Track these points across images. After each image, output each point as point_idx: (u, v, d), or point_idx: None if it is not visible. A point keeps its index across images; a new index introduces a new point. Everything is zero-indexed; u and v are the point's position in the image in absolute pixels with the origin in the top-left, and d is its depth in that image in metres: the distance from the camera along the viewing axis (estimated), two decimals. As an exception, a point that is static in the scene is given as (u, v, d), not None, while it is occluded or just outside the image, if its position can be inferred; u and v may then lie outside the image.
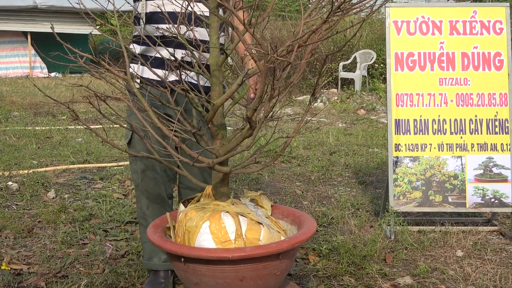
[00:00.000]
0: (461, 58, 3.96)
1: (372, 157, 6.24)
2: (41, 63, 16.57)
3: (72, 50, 2.31)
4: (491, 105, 3.93)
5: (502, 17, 3.98)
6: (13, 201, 4.49)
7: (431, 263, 3.34)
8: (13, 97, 10.98)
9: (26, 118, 8.87)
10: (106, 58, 2.27)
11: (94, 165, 5.70)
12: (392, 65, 3.97)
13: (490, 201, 3.88)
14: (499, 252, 3.55)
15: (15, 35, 16.49)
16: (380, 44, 13.01)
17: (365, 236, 3.73)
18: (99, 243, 3.62)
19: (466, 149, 3.92)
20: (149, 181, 2.90)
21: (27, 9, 16.06)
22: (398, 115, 3.94)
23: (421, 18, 3.99)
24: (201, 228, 2.18)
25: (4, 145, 6.58)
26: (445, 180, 3.90)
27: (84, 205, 4.38)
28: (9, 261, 3.30)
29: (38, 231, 3.84)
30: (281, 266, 2.19)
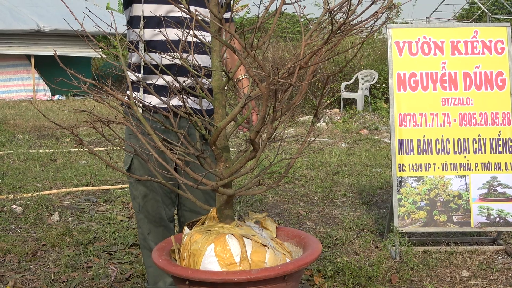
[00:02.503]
0: (463, 78, 3.98)
1: (376, 177, 6.23)
2: (45, 86, 16.65)
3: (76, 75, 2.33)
4: (494, 124, 3.93)
5: (503, 37, 4.00)
6: (17, 224, 4.49)
7: (437, 284, 3.32)
8: (16, 120, 11.02)
9: (30, 141, 8.90)
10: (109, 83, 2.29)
11: (98, 188, 5.70)
12: (394, 86, 3.98)
13: (495, 220, 3.87)
14: (505, 272, 3.54)
15: (18, 58, 16.60)
16: (381, 64, 13.06)
17: (370, 257, 3.71)
18: (104, 266, 3.61)
19: (470, 168, 3.92)
20: (150, 206, 2.90)
21: (31, 32, 16.19)
22: (401, 135, 3.95)
23: (423, 38, 4.01)
24: (206, 251, 2.18)
25: (8, 168, 6.59)
26: (449, 200, 3.90)
27: (88, 228, 4.38)
28: (13, 285, 3.30)
29: (42, 255, 3.84)
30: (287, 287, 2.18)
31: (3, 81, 16.36)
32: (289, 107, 2.29)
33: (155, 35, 2.68)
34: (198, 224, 2.40)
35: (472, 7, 26.19)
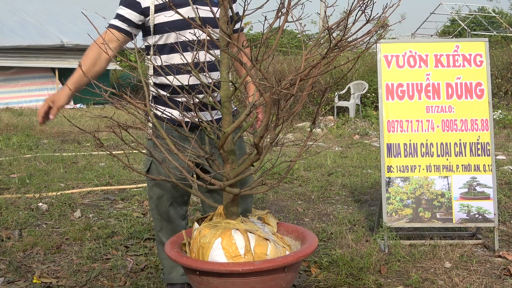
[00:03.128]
0: (445, 88, 3.98)
1: (366, 177, 6.23)
2: (68, 96, 16.66)
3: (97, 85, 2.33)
4: (473, 130, 3.93)
5: (482, 50, 4.01)
6: (43, 220, 4.50)
7: (422, 274, 3.32)
8: (42, 126, 11.03)
9: (54, 145, 8.92)
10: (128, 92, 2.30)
11: (116, 187, 5.70)
12: (383, 95, 3.98)
13: (474, 217, 3.87)
14: (484, 263, 3.53)
15: (44, 71, 16.65)
16: (371, 76, 13.07)
17: (362, 250, 3.71)
18: (121, 258, 3.61)
19: (452, 170, 3.92)
20: (163, 206, 2.92)
21: (55, 47, 16.24)
22: (389, 140, 3.95)
23: (409, 52, 4.02)
24: (213, 244, 2.18)
25: (34, 170, 6.60)
26: (433, 198, 3.89)
27: (107, 223, 4.38)
28: (39, 275, 3.30)
29: (65, 248, 3.85)
30: (287, 278, 2.18)
31: (30, 91, 16.41)
32: (290, 114, 2.29)
33: (170, 59, 2.69)
34: (207, 220, 2.41)
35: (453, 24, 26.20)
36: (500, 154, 7.73)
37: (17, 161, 7.17)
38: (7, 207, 4.79)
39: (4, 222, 4.36)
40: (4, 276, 3.30)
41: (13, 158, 7.39)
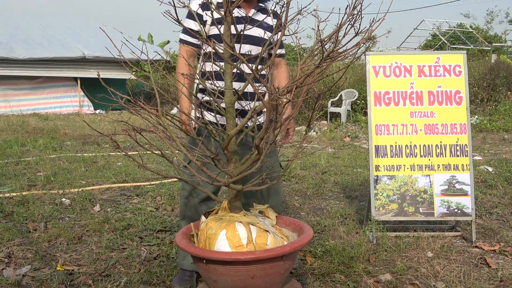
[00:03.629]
0: (428, 95, 3.98)
1: (356, 176, 6.22)
2: (88, 103, 16.68)
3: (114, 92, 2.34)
4: (453, 133, 3.93)
5: (460, 62, 4.01)
6: (66, 214, 4.50)
7: (407, 263, 3.31)
8: (66, 130, 11.06)
9: (76, 146, 8.92)
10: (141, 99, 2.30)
11: (131, 184, 5.70)
12: (372, 102, 3.98)
13: (454, 211, 3.86)
14: (462, 253, 3.52)
15: (67, 80, 16.66)
16: (361, 84, 13.07)
17: (352, 241, 3.71)
18: (136, 248, 3.61)
19: (433, 169, 3.91)
20: (193, 198, 2.97)
21: (77, 59, 16.25)
22: (377, 142, 3.95)
23: (395, 63, 4.02)
24: (219, 235, 2.18)
25: (58, 168, 6.61)
26: (416, 195, 3.89)
27: (123, 216, 4.38)
28: (63, 263, 3.30)
29: (86, 238, 3.85)
30: (285, 266, 2.18)
31: (55, 98, 16.43)
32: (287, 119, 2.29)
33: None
34: (213, 213, 2.41)
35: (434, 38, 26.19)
36: (477, 155, 7.72)
37: (43, 161, 7.17)
38: (34, 202, 4.79)
39: (31, 215, 4.36)
40: (31, 264, 3.30)
41: (40, 158, 7.39)
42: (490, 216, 4.41)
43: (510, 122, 11.60)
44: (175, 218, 4.34)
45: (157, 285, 2.98)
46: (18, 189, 5.34)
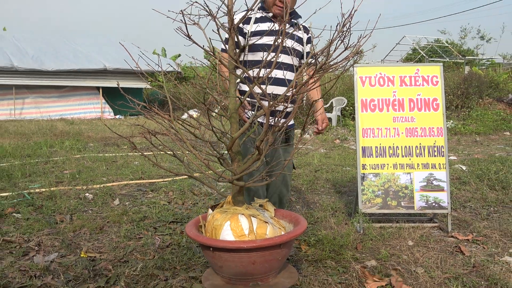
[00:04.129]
0: (408, 102, 3.97)
1: (346, 173, 6.22)
2: (109, 109, 16.71)
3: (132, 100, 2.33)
4: (431, 135, 3.93)
5: (437, 73, 4.00)
6: (89, 207, 4.50)
7: (390, 250, 3.31)
8: (89, 133, 11.07)
9: (98, 147, 8.93)
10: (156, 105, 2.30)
11: (147, 181, 5.70)
12: (359, 108, 3.98)
13: (432, 205, 3.85)
14: (439, 242, 3.52)
15: (90, 89, 16.69)
16: (349, 93, 13.06)
17: (342, 231, 3.70)
18: (151, 237, 3.61)
19: (414, 167, 3.91)
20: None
21: (99, 70, 16.28)
22: (364, 143, 3.94)
23: (379, 74, 4.02)
24: (224, 226, 2.18)
25: (83, 167, 6.61)
26: (398, 190, 3.88)
27: (140, 209, 4.38)
28: (86, 250, 3.30)
29: (107, 229, 3.84)
30: (282, 253, 2.17)
31: (79, 105, 16.46)
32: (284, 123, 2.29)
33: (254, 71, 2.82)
34: (219, 206, 2.40)
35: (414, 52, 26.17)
36: (452, 155, 7.71)
37: (69, 160, 7.18)
38: (61, 196, 4.79)
39: (58, 208, 4.36)
40: (58, 251, 3.30)
41: (66, 158, 7.40)
42: (464, 209, 4.40)
43: (481, 126, 11.59)
44: (186, 211, 4.34)
45: (169, 270, 2.97)
46: (47, 185, 5.34)
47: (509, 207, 4.44)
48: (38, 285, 2.74)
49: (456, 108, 13.21)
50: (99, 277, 2.87)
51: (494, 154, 7.77)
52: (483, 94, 13.64)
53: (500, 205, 4.50)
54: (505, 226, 3.81)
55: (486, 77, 14.57)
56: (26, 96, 15.91)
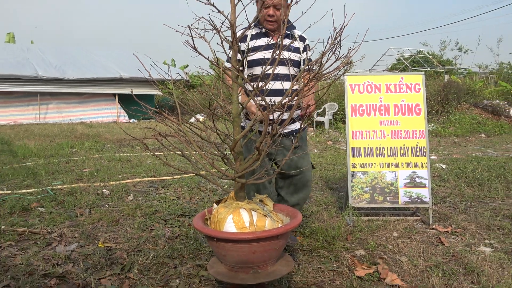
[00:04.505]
0: (393, 107, 3.97)
1: (337, 171, 6.21)
2: (124, 113, 16.71)
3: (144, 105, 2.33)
4: (414, 137, 3.92)
5: (419, 81, 4.00)
6: (106, 202, 4.50)
7: (377, 241, 3.30)
8: (106, 135, 11.06)
9: (114, 148, 8.93)
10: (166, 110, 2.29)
11: (158, 178, 5.70)
12: (349, 113, 3.98)
13: (414, 200, 3.85)
14: (421, 233, 3.51)
15: (107, 96, 16.69)
16: (340, 99, 13.06)
17: (333, 223, 3.70)
18: (161, 229, 3.61)
19: (398, 166, 3.91)
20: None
21: (115, 79, 16.30)
22: (353, 145, 3.94)
23: (367, 82, 4.01)
24: (227, 219, 2.18)
25: (100, 166, 6.61)
26: (384, 187, 3.88)
27: (151, 204, 4.38)
28: (103, 241, 3.30)
29: (122, 221, 3.84)
30: (279, 243, 2.17)
31: (97, 110, 16.47)
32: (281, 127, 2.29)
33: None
34: (223, 201, 2.40)
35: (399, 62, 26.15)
36: (433, 155, 7.70)
37: (88, 160, 7.18)
38: (81, 192, 4.79)
39: (78, 203, 4.36)
40: (78, 242, 3.30)
41: (85, 158, 7.40)
42: (444, 204, 4.40)
43: (459, 129, 11.58)
44: (193, 205, 4.33)
45: (178, 258, 2.97)
46: (68, 182, 5.34)
47: (485, 202, 4.44)
48: (60, 273, 2.74)
49: (437, 112, 13.20)
50: (115, 265, 2.87)
51: (471, 154, 7.76)
52: (461, 100, 13.63)
53: (476, 200, 4.50)
54: (481, 219, 3.81)
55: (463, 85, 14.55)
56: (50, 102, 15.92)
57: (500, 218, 3.84)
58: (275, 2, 2.62)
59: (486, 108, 13.18)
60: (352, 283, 2.55)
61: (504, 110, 12.90)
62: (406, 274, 2.71)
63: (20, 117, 15.44)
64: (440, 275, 2.66)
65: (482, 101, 13.90)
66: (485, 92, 15.42)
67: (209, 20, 2.07)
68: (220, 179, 5.85)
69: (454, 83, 14.30)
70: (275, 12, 2.66)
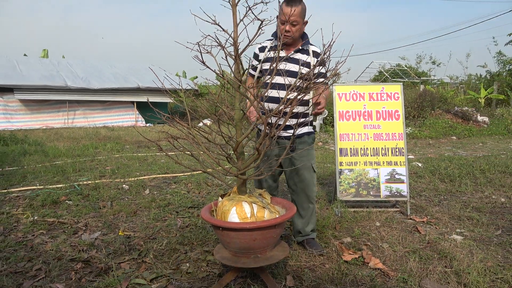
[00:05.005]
0: (375, 113, 3.97)
1: (327, 169, 6.20)
2: (141, 118, 16.69)
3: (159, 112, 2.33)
4: (393, 139, 3.92)
5: (398, 90, 4.00)
6: (125, 195, 4.49)
7: (361, 230, 3.29)
8: (126, 138, 11.05)
9: (133, 149, 8.92)
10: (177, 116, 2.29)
11: (171, 175, 5.69)
12: (337, 118, 3.97)
13: (394, 194, 3.84)
14: (401, 223, 3.50)
15: (127, 103, 16.67)
16: (329, 106, 12.99)
17: (323, 214, 3.69)
18: (174, 219, 3.60)
19: (380, 164, 3.90)
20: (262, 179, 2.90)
21: (134, 88, 16.28)
22: (341, 146, 3.93)
23: (353, 91, 4.01)
24: (231, 210, 2.17)
25: (121, 164, 6.60)
26: (368, 182, 3.87)
27: (165, 197, 4.37)
28: (123, 230, 3.29)
29: (139, 213, 3.84)
30: (277, 231, 2.16)
31: (118, 115, 16.45)
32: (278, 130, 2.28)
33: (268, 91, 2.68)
34: (227, 195, 2.39)
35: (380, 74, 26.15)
36: (410, 155, 7.69)
37: (110, 159, 7.17)
38: (103, 187, 4.79)
39: (101, 196, 4.35)
40: (101, 231, 3.29)
41: (107, 157, 7.39)
42: (420, 197, 4.39)
43: (433, 132, 11.56)
44: (201, 199, 4.32)
45: (188, 245, 2.97)
46: (93, 178, 5.33)
47: (456, 195, 4.43)
48: (85, 258, 2.73)
49: (414, 117, 13.19)
50: (133, 251, 2.86)
51: (444, 154, 7.75)
52: (434, 107, 13.62)
53: (449, 194, 4.49)
54: (452, 210, 3.80)
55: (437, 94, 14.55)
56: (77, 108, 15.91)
57: (470, 210, 3.83)
58: (291, 19, 2.52)
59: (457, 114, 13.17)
60: (340, 266, 2.54)
61: (472, 116, 12.89)
62: (387, 259, 2.70)
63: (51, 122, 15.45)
64: (417, 260, 2.65)
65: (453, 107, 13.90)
66: (456, 100, 15.41)
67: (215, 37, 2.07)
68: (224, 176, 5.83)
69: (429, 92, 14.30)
70: (291, 28, 2.55)
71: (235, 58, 2.18)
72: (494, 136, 11.36)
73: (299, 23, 2.57)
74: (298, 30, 2.60)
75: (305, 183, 2.80)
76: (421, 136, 11.12)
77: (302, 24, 2.59)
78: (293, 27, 2.57)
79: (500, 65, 19.01)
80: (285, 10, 2.52)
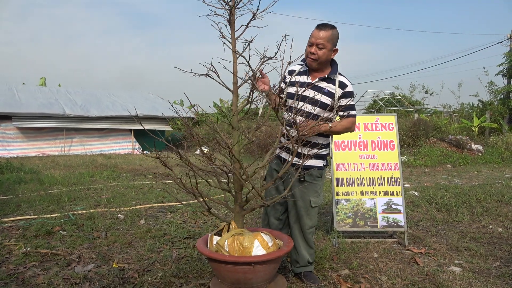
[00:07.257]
0: (371, 143, 4.00)
1: (323, 198, 6.16)
2: (138, 146, 16.68)
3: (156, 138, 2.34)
4: (389, 169, 3.93)
5: (393, 121, 4.05)
6: (120, 225, 4.43)
7: (359, 261, 3.25)
8: (122, 165, 10.99)
9: (129, 177, 8.86)
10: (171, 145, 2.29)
11: (167, 204, 5.64)
12: (333, 148, 4.00)
13: (391, 224, 3.81)
14: (398, 254, 3.46)
15: (124, 131, 16.70)
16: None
17: (321, 245, 3.64)
18: (169, 250, 3.54)
19: (376, 194, 3.89)
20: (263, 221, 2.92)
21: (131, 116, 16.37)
22: (337, 175, 3.94)
23: (348, 122, 4.05)
24: (255, 244, 2.15)
25: (116, 193, 6.54)
26: (365, 212, 3.85)
27: (161, 227, 4.31)
28: (117, 261, 3.22)
29: (134, 243, 3.77)
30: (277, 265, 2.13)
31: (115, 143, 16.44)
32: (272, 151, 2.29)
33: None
34: (224, 230, 2.35)
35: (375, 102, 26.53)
36: (406, 184, 7.68)
37: (106, 187, 7.11)
38: (98, 217, 4.72)
39: (96, 226, 4.28)
40: (94, 262, 3.22)
41: (103, 185, 7.33)
42: (417, 227, 4.35)
43: (428, 160, 11.62)
44: (197, 229, 4.27)
45: (183, 277, 2.90)
46: (88, 207, 5.27)
47: (453, 225, 4.40)
48: (77, 291, 2.66)
49: (409, 146, 13.28)
50: (127, 284, 2.79)
51: (440, 183, 7.75)
52: (429, 135, 13.75)
53: (446, 224, 4.46)
54: (450, 241, 3.76)
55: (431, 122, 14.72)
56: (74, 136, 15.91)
57: (467, 240, 3.80)
58: (318, 41, 2.47)
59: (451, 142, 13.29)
60: (338, 300, 2.48)
61: (467, 144, 13.01)
62: (386, 292, 2.64)
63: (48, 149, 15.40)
64: (416, 293, 2.60)
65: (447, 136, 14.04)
66: (450, 128, 15.59)
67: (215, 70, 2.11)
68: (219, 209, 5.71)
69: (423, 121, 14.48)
70: (316, 51, 2.49)
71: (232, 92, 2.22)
72: (488, 164, 11.42)
73: (325, 48, 2.50)
74: (325, 55, 2.52)
75: (299, 216, 2.78)
76: (416, 165, 11.16)
77: (329, 50, 2.52)
78: (319, 50, 2.50)
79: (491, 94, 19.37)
80: (314, 33, 2.49)
